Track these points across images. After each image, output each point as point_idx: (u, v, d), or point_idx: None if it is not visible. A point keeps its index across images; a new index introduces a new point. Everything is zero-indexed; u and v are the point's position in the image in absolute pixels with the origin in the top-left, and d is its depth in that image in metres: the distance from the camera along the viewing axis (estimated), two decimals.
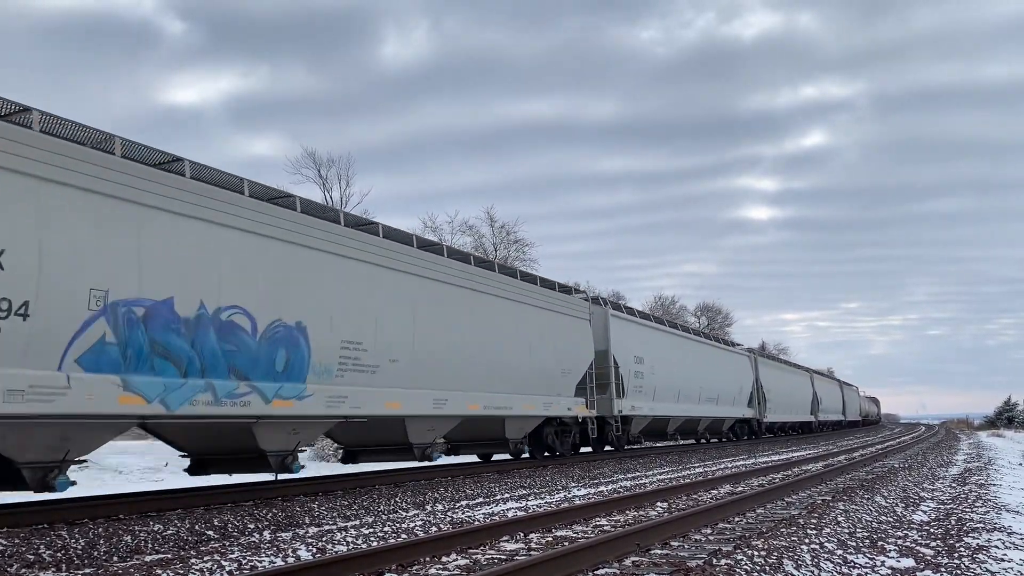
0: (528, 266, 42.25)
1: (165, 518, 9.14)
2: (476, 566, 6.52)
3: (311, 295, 11.52)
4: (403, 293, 13.50)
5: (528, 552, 7.12)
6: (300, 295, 11.34)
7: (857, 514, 9.64)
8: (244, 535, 8.58)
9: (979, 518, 9.55)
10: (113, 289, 8.83)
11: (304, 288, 11.43)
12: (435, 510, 10.70)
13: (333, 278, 11.99)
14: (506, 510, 10.44)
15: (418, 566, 6.55)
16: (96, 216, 8.75)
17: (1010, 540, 8.03)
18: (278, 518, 9.58)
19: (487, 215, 45.74)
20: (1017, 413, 75.86)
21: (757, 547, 7.15)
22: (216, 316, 10.03)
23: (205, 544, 8.01)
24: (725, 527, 8.57)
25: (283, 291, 11.09)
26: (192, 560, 6.96)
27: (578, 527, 8.71)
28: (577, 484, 14.42)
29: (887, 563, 6.72)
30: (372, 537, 8.16)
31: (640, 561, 6.64)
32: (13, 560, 6.88)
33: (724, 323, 78.80)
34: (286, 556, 7.15)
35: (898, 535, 8.17)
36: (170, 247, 9.58)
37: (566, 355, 19.12)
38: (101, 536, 7.97)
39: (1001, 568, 6.65)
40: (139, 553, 7.51)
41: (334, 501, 11.05)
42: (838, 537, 7.90)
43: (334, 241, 12.12)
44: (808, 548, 7.20)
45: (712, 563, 6.42)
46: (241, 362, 10.35)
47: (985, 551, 7.33)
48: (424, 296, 13.98)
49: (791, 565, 6.43)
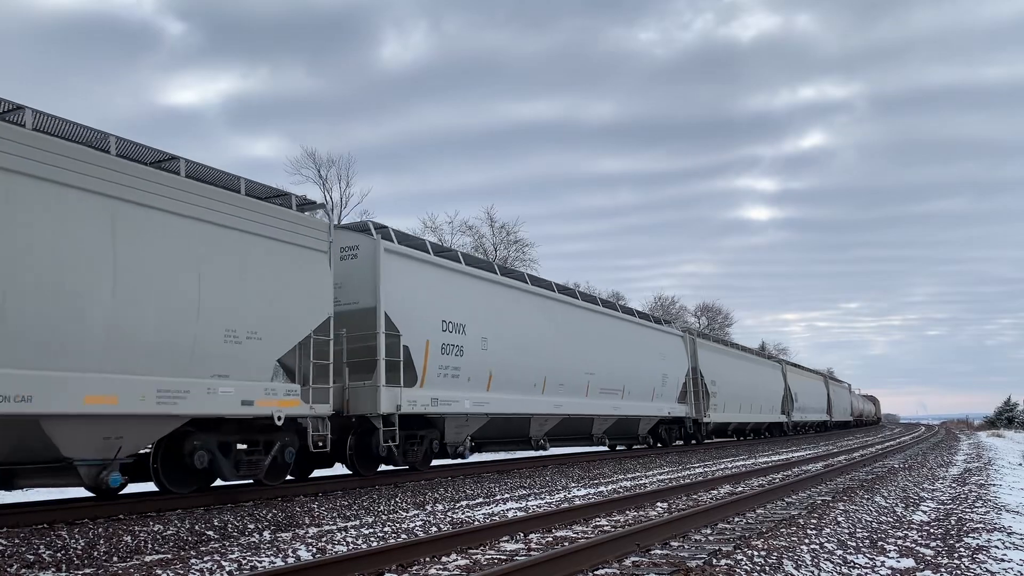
0: (528, 266, 42.31)
1: (165, 518, 9.14)
2: (476, 566, 6.53)
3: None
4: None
5: (528, 552, 7.12)
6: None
7: (857, 514, 9.64)
8: (244, 535, 8.58)
9: (979, 518, 9.55)
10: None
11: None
12: (435, 510, 10.70)
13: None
14: (506, 510, 10.44)
15: (418, 566, 6.56)
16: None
17: (1010, 540, 8.03)
18: (278, 518, 9.58)
19: (487, 215, 45.91)
20: (1017, 413, 75.80)
21: (757, 547, 7.16)
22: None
23: (205, 544, 8.01)
24: (725, 527, 8.57)
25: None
26: (192, 560, 6.96)
27: (578, 527, 8.71)
28: (577, 484, 14.42)
29: (887, 563, 6.72)
30: (372, 537, 8.16)
31: (640, 561, 6.64)
32: (13, 560, 6.88)
33: (724, 323, 78.91)
34: (286, 556, 7.15)
35: (898, 535, 8.17)
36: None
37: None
38: (101, 536, 7.96)
39: (1001, 568, 6.65)
40: (139, 553, 7.51)
41: (334, 501, 11.04)
42: (838, 537, 7.90)
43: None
44: (808, 548, 7.20)
45: (712, 563, 6.42)
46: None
47: (985, 551, 7.33)
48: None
49: (791, 565, 6.44)
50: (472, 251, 40.73)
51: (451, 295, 14.78)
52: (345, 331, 12.48)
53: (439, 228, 43.32)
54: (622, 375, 21.43)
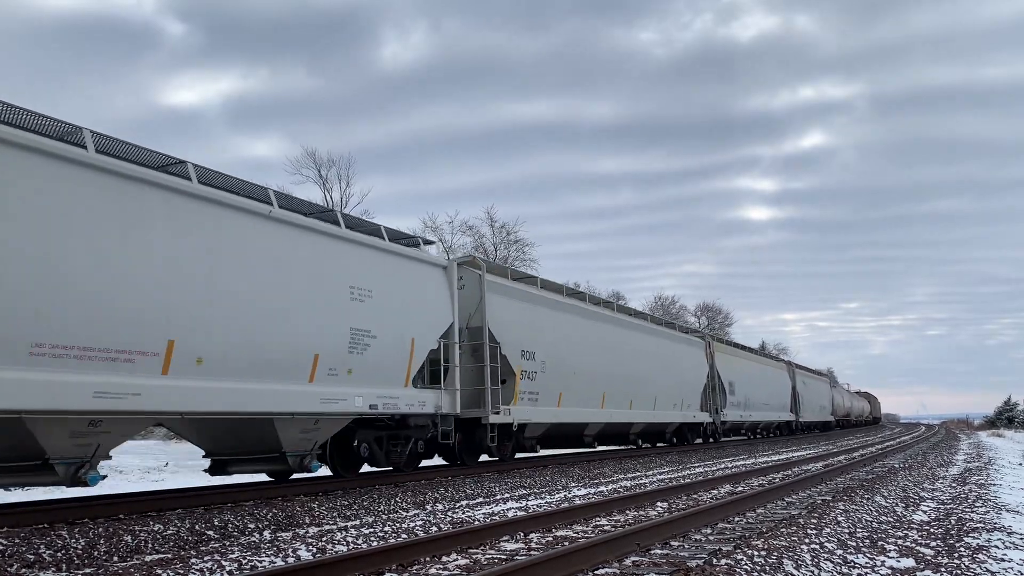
0: (528, 266, 42.31)
1: (165, 518, 9.14)
2: (476, 566, 6.52)
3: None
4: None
5: (528, 552, 7.12)
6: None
7: (857, 514, 9.64)
8: (244, 535, 8.58)
9: (979, 518, 9.55)
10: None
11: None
12: (435, 510, 10.70)
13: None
14: (506, 510, 10.44)
15: (418, 566, 6.55)
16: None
17: (1010, 540, 8.03)
18: (278, 518, 9.58)
19: (487, 215, 45.96)
20: (1017, 413, 75.81)
21: (757, 547, 7.15)
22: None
23: (205, 544, 8.01)
24: (725, 527, 8.56)
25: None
26: (192, 560, 6.96)
27: (578, 527, 8.71)
28: (577, 484, 14.42)
29: (887, 563, 6.71)
30: (372, 537, 8.16)
31: (640, 561, 6.64)
32: (13, 560, 6.88)
33: (724, 323, 78.91)
34: (286, 556, 7.15)
35: (898, 535, 8.17)
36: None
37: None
38: (101, 536, 7.96)
39: (1001, 568, 6.65)
40: (139, 553, 7.51)
41: (334, 501, 11.04)
42: (838, 537, 7.90)
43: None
44: (808, 548, 7.20)
45: (712, 563, 6.42)
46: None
47: (985, 551, 7.33)
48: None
49: (791, 565, 6.43)
50: (472, 251, 40.73)
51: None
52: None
53: (439, 228, 43.37)
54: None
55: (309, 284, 11.41)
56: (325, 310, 11.69)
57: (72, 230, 8.45)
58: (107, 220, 8.83)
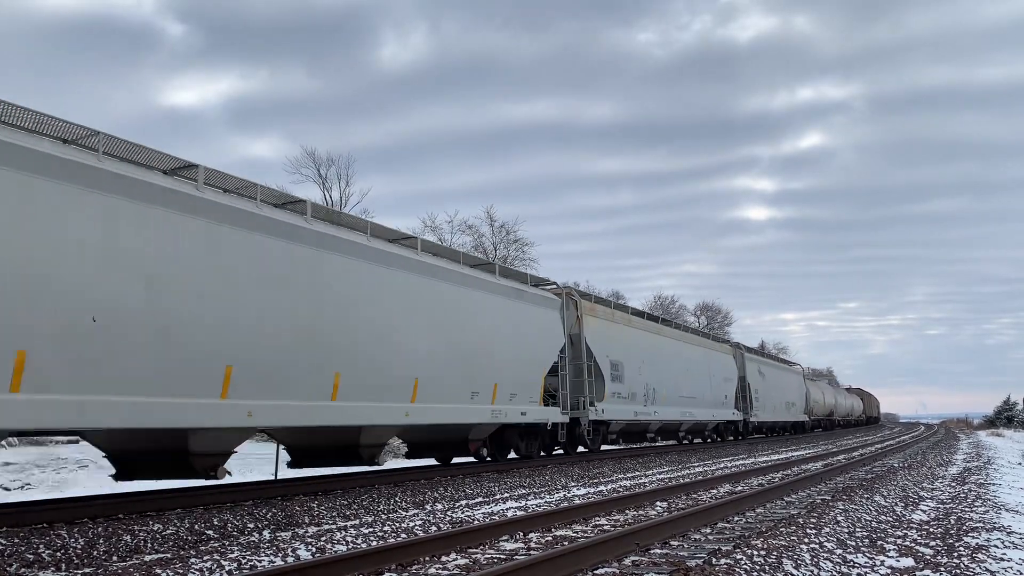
0: (528, 266, 42.29)
1: (165, 518, 9.14)
2: (476, 566, 6.52)
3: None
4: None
5: (528, 552, 7.12)
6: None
7: (856, 513, 9.65)
8: (244, 535, 8.58)
9: (979, 517, 9.56)
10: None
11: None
12: (435, 510, 10.69)
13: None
14: (505, 510, 10.44)
15: (418, 566, 6.55)
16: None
17: (1009, 540, 8.03)
18: (278, 518, 9.58)
19: (487, 215, 45.85)
20: (1016, 413, 75.79)
21: (757, 547, 7.16)
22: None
23: (205, 544, 8.01)
24: (724, 527, 8.57)
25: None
26: (192, 560, 6.96)
27: (578, 527, 8.71)
28: (577, 484, 14.42)
29: (887, 562, 6.72)
30: (372, 537, 8.16)
31: (640, 561, 6.64)
32: (13, 560, 6.88)
33: (724, 323, 78.86)
34: (286, 556, 7.15)
35: (898, 535, 8.18)
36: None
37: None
38: (101, 536, 7.97)
39: (1001, 567, 6.65)
40: (139, 553, 7.51)
41: (334, 501, 11.05)
42: (838, 536, 7.90)
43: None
44: (808, 548, 7.20)
45: (712, 563, 6.42)
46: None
47: (985, 550, 7.33)
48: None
49: (791, 565, 6.44)
50: (472, 251, 40.72)
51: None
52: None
53: (439, 228, 43.32)
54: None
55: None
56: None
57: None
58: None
